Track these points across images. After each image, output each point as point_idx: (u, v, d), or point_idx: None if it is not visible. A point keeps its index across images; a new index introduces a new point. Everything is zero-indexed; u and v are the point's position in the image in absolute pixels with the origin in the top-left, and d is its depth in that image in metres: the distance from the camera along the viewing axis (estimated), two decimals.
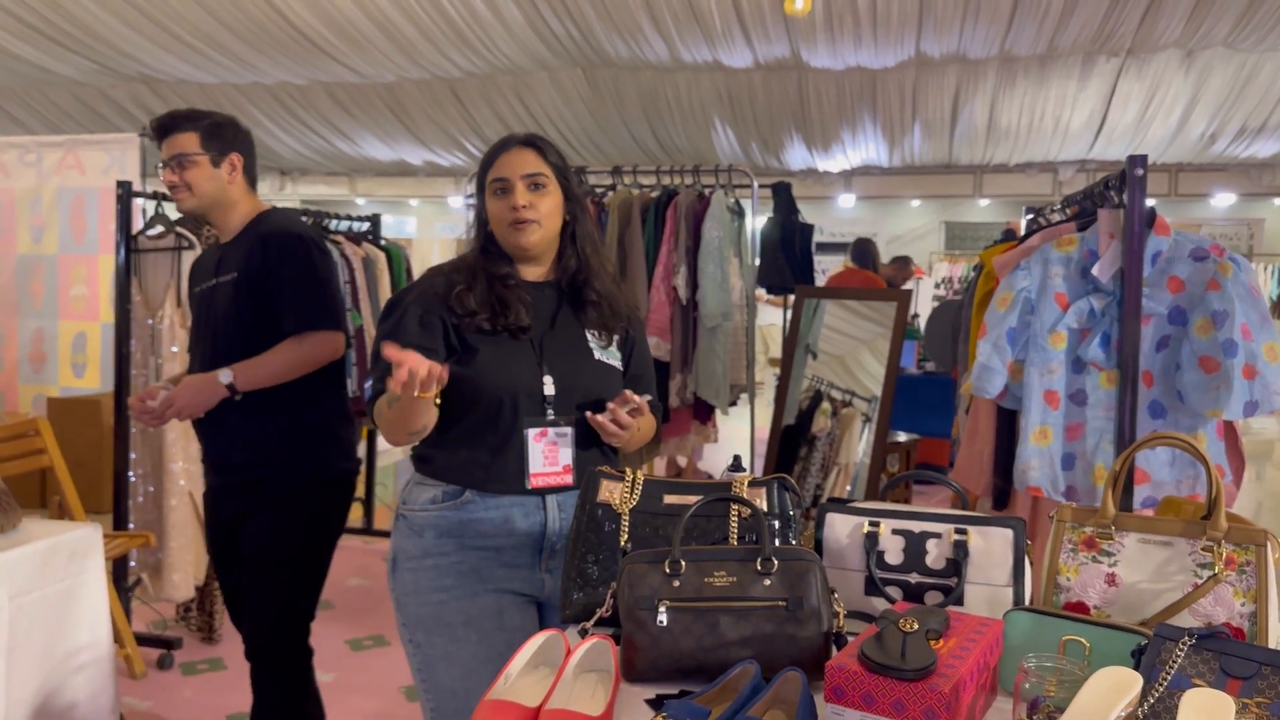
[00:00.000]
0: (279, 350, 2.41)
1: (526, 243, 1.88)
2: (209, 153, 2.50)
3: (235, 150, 2.55)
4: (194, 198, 2.50)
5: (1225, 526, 1.42)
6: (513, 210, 1.85)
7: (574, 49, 8.15)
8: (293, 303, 2.41)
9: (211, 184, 2.51)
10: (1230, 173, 11.16)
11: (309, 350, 2.42)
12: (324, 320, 2.45)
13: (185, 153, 2.48)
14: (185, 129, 2.50)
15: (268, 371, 2.41)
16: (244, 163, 2.56)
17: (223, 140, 2.53)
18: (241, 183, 2.56)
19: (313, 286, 2.44)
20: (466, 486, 1.86)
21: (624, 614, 1.36)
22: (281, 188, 13.11)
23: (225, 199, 2.53)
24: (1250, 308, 2.20)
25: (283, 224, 2.51)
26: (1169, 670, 1.19)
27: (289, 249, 2.44)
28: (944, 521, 1.56)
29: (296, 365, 2.42)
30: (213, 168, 2.50)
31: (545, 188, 1.89)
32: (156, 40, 8.02)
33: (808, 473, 4.63)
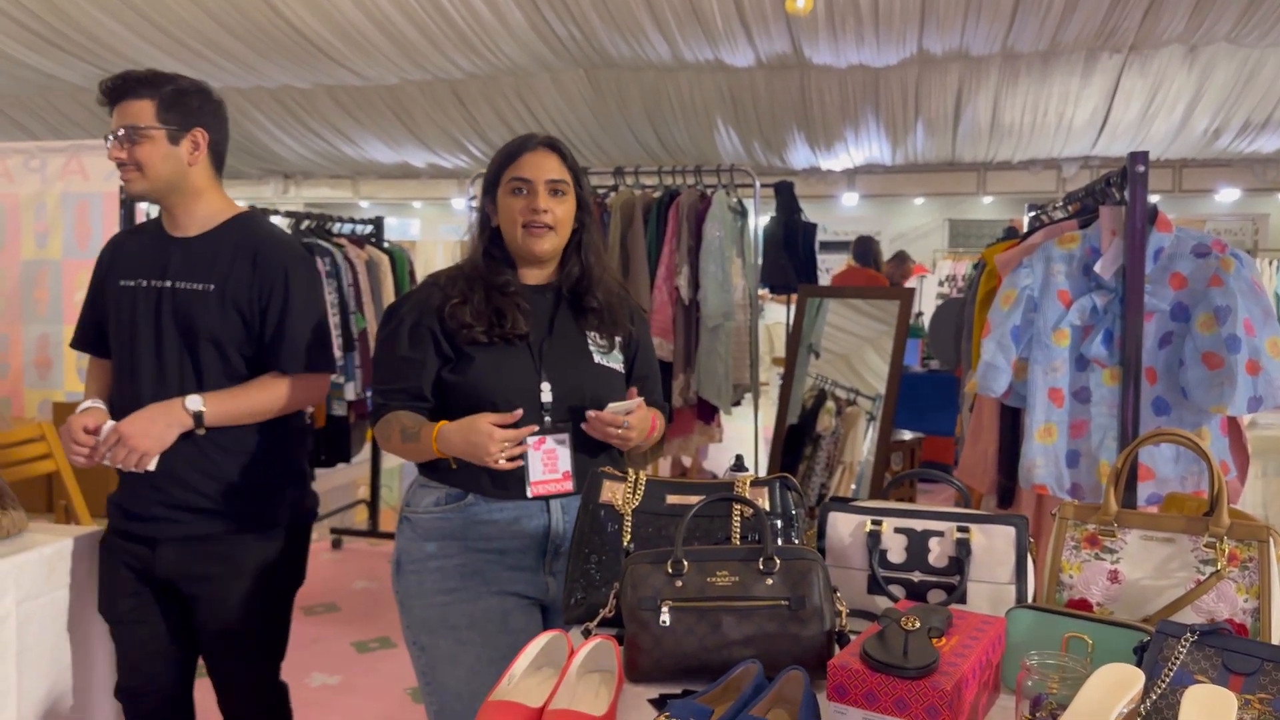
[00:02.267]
0: (267, 386, 2.08)
1: (540, 249, 1.88)
2: (166, 126, 2.06)
3: (199, 125, 2.10)
4: (144, 180, 2.07)
5: (1228, 523, 1.42)
6: (533, 212, 1.86)
7: (576, 50, 8.16)
8: (297, 339, 2.08)
9: (167, 165, 2.07)
10: (1234, 168, 11.13)
11: (302, 392, 2.12)
12: (325, 361, 2.16)
13: (137, 125, 2.03)
14: (140, 95, 2.05)
15: (247, 408, 2.06)
16: (209, 140, 2.12)
17: (184, 111, 2.08)
18: (206, 166, 2.13)
19: (317, 321, 2.13)
20: (470, 491, 1.86)
21: (627, 614, 1.36)
22: (285, 190, 13.13)
23: (184, 184, 2.10)
24: (1253, 303, 2.20)
25: (278, 237, 2.15)
26: (1171, 667, 1.19)
27: (293, 274, 2.10)
28: (946, 520, 1.56)
29: (284, 406, 2.11)
30: (170, 145, 2.07)
31: (565, 194, 1.90)
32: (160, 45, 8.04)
33: (812, 472, 4.62)
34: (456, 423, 1.77)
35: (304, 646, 3.93)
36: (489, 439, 1.71)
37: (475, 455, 1.73)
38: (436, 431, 1.78)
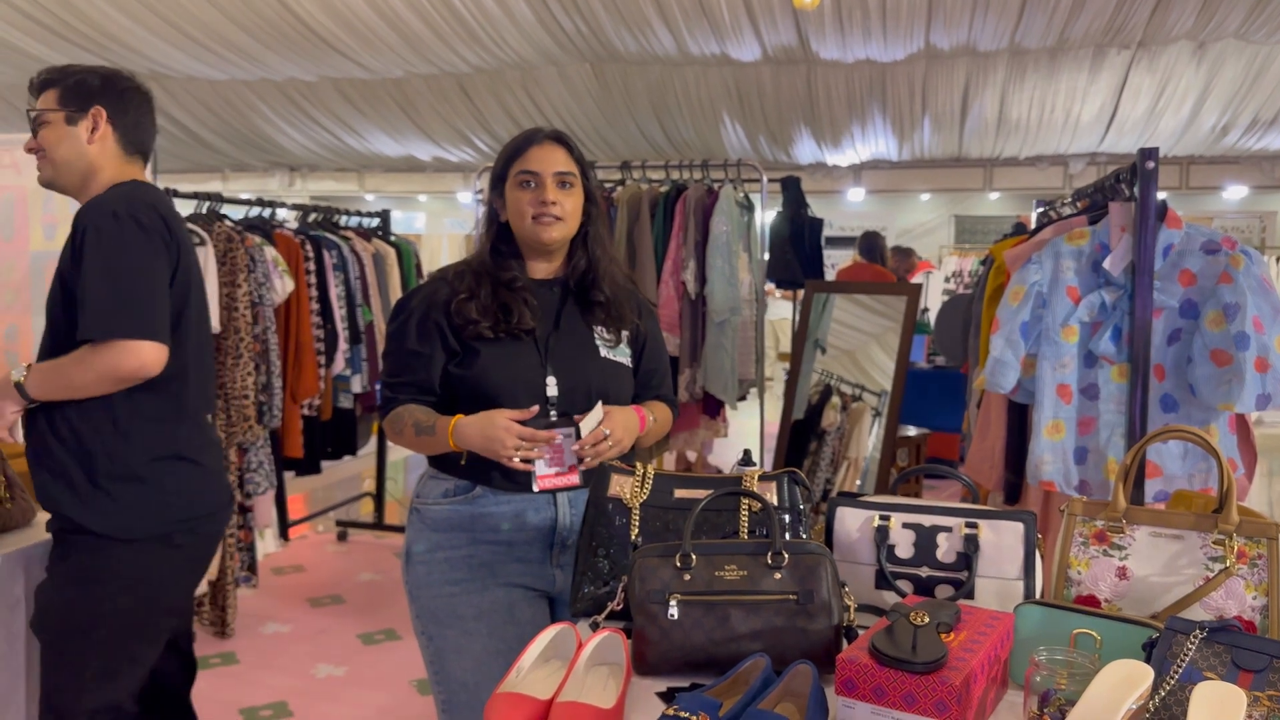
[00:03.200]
0: (77, 356, 1.90)
1: (548, 238, 1.88)
2: (65, 108, 2.00)
3: (98, 103, 2.02)
4: (50, 166, 2.02)
5: (1236, 520, 1.42)
6: (541, 204, 1.85)
7: (582, 44, 8.15)
8: (88, 300, 1.87)
9: (66, 146, 2.00)
10: (1242, 165, 11.09)
11: (104, 362, 1.87)
12: (123, 326, 1.87)
13: (40, 109, 2.01)
14: (48, 86, 2.02)
15: (63, 379, 1.91)
16: (109, 116, 2.03)
17: (83, 94, 2.01)
18: (110, 147, 2.03)
19: (115, 279, 1.88)
20: (478, 483, 1.87)
21: (635, 607, 1.36)
22: (290, 183, 13.14)
23: (85, 166, 2.02)
24: (1262, 300, 2.19)
25: (103, 199, 1.96)
26: (1180, 663, 1.19)
27: (93, 233, 1.90)
28: (954, 515, 1.56)
29: (93, 379, 1.89)
30: (67, 126, 2.00)
31: (573, 187, 1.90)
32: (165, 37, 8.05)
33: (817, 467, 4.63)
34: (473, 417, 1.77)
35: (310, 638, 3.94)
36: (505, 434, 1.71)
37: (491, 450, 1.73)
38: (453, 425, 1.78)
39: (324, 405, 4.39)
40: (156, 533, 1.97)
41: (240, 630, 3.96)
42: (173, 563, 2.03)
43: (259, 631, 3.99)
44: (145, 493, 1.96)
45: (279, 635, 3.97)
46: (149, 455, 1.97)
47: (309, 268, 4.21)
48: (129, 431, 1.95)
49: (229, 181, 12.95)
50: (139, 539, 1.96)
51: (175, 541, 2.00)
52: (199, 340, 2.11)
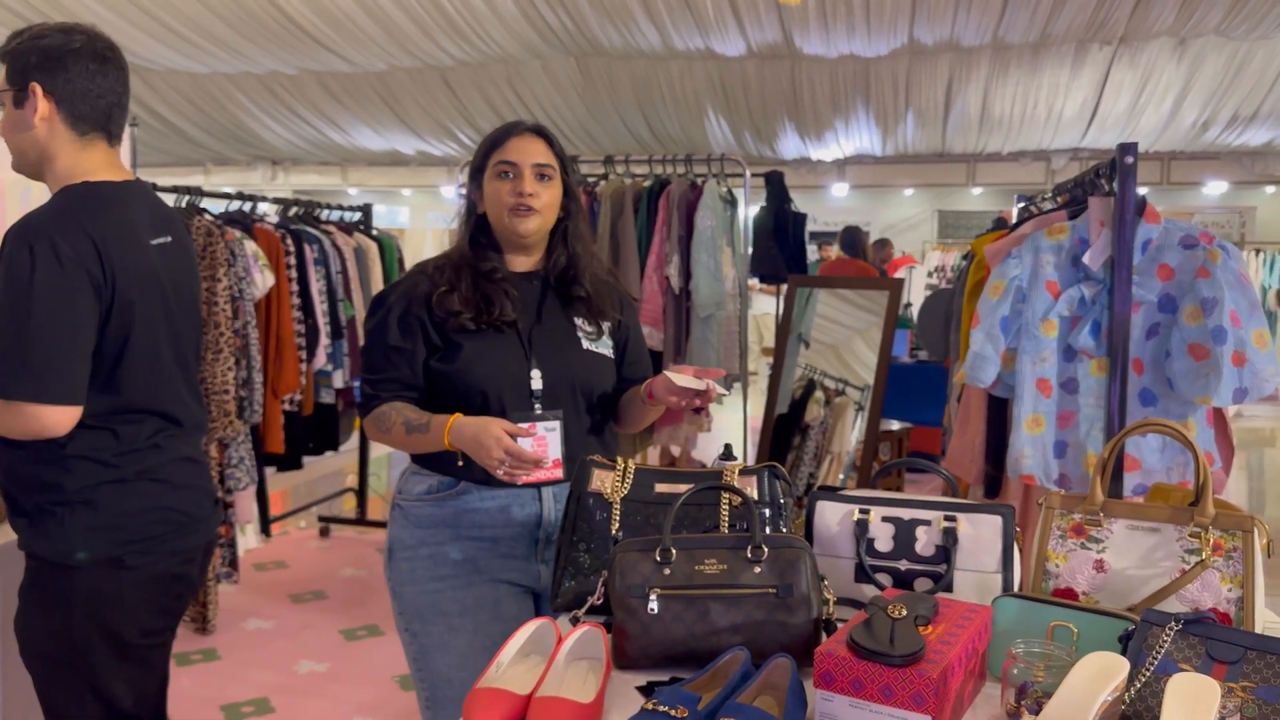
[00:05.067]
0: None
1: (525, 230, 1.87)
2: (12, 87, 1.75)
3: (33, 78, 1.74)
4: (12, 155, 1.81)
5: (1213, 513, 1.43)
6: (518, 195, 1.85)
7: (566, 37, 8.13)
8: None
9: (16, 134, 1.77)
10: (1222, 161, 11.18)
11: (10, 420, 1.70)
12: (23, 388, 1.67)
13: None
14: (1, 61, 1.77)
15: None
16: (46, 90, 1.75)
17: (21, 69, 1.75)
18: (58, 129, 1.76)
19: (20, 332, 1.66)
20: (461, 479, 1.86)
21: (615, 602, 1.36)
22: (273, 177, 13.07)
23: (38, 154, 1.78)
24: (1239, 295, 2.21)
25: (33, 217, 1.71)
26: (1156, 655, 1.20)
27: (9, 267, 1.67)
28: (933, 509, 1.56)
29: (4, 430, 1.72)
30: (14, 109, 1.76)
31: (551, 180, 1.89)
32: (146, 29, 7.99)
33: (801, 461, 4.64)
34: (471, 420, 1.73)
35: (292, 634, 3.93)
36: (495, 444, 1.65)
37: (479, 455, 1.70)
38: (450, 425, 1.75)
39: (305, 400, 4.37)
40: (105, 555, 1.81)
41: (221, 626, 3.94)
42: (132, 584, 1.86)
43: (240, 627, 3.97)
44: (90, 516, 1.80)
45: (261, 631, 3.95)
46: (93, 482, 1.79)
47: (290, 262, 4.19)
48: (69, 463, 1.78)
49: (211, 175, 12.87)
50: (87, 564, 1.80)
51: (127, 563, 1.84)
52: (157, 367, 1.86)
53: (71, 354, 1.70)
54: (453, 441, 1.75)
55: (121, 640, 1.87)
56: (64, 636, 1.84)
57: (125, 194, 1.84)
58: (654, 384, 1.83)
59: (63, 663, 1.86)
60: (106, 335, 1.75)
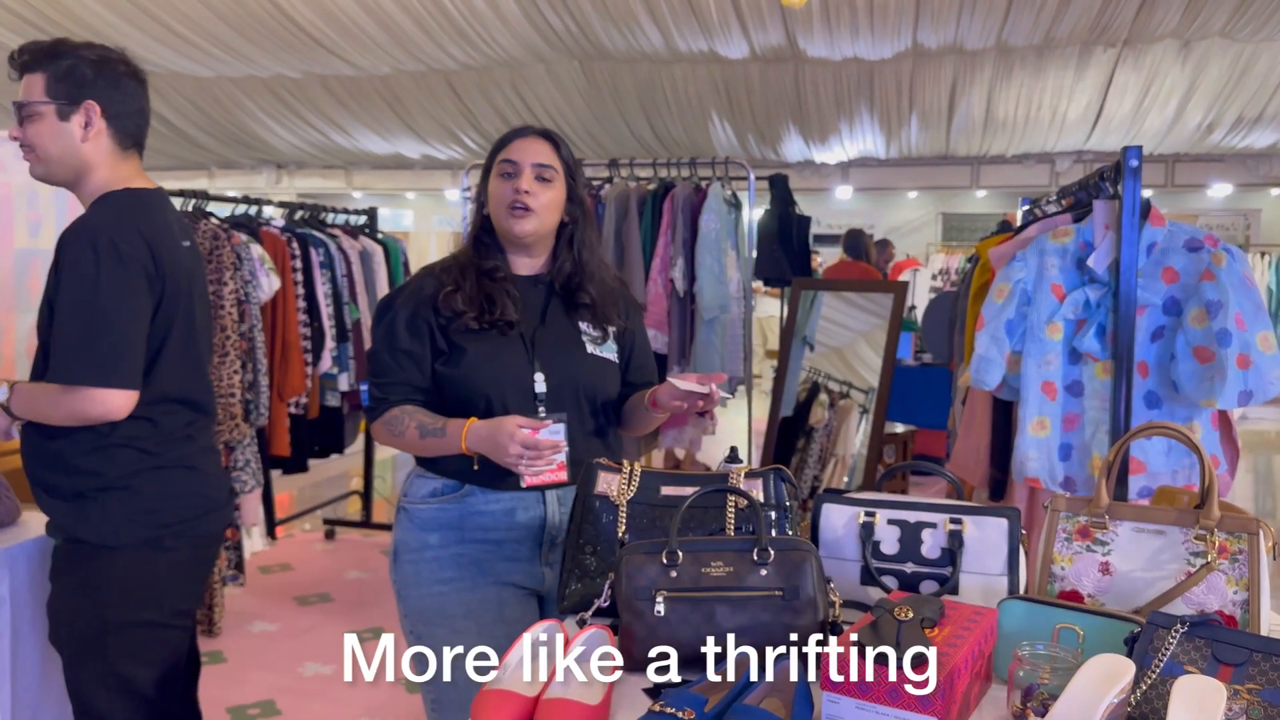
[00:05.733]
0: (48, 391, 1.86)
1: (520, 230, 1.87)
2: (56, 100, 1.86)
3: (91, 97, 1.88)
4: (41, 163, 1.89)
5: (1218, 515, 1.44)
6: (514, 193, 1.86)
7: (570, 41, 8.14)
8: (59, 342, 1.83)
9: (58, 144, 1.87)
10: (1227, 163, 11.16)
11: (70, 406, 1.83)
12: (88, 374, 1.81)
13: (28, 100, 1.87)
14: (34, 69, 1.87)
15: (38, 408, 1.88)
16: (105, 113, 1.89)
17: (75, 84, 1.87)
18: (104, 144, 1.91)
19: (87, 323, 1.81)
20: (466, 482, 1.87)
21: (622, 604, 1.36)
22: (278, 181, 13.10)
23: (79, 164, 1.90)
24: (1244, 297, 2.21)
25: (90, 221, 1.86)
26: (1162, 658, 1.20)
27: (73, 263, 1.81)
28: (939, 511, 1.57)
29: (61, 417, 1.86)
30: (59, 121, 1.87)
31: (551, 182, 1.89)
32: (151, 33, 8.01)
33: (805, 464, 4.64)
34: (486, 421, 1.76)
35: (297, 636, 3.93)
36: (510, 440, 1.68)
37: (498, 454, 1.72)
38: (468, 428, 1.76)
39: (311, 403, 4.38)
40: (146, 537, 1.95)
41: (227, 629, 3.95)
42: (167, 565, 2.00)
43: (246, 630, 3.98)
44: (131, 500, 1.93)
45: (266, 634, 3.96)
46: (135, 467, 1.93)
47: (295, 265, 4.20)
48: (111, 451, 1.91)
49: (216, 179, 12.90)
50: (130, 545, 1.93)
51: (165, 545, 1.98)
52: (189, 359, 2.02)
53: (134, 342, 1.86)
54: (470, 445, 1.77)
55: (154, 621, 2.00)
56: (98, 617, 1.94)
57: (159, 200, 2.01)
58: (658, 391, 1.84)
59: (94, 644, 1.96)
60: (153, 328, 1.91)
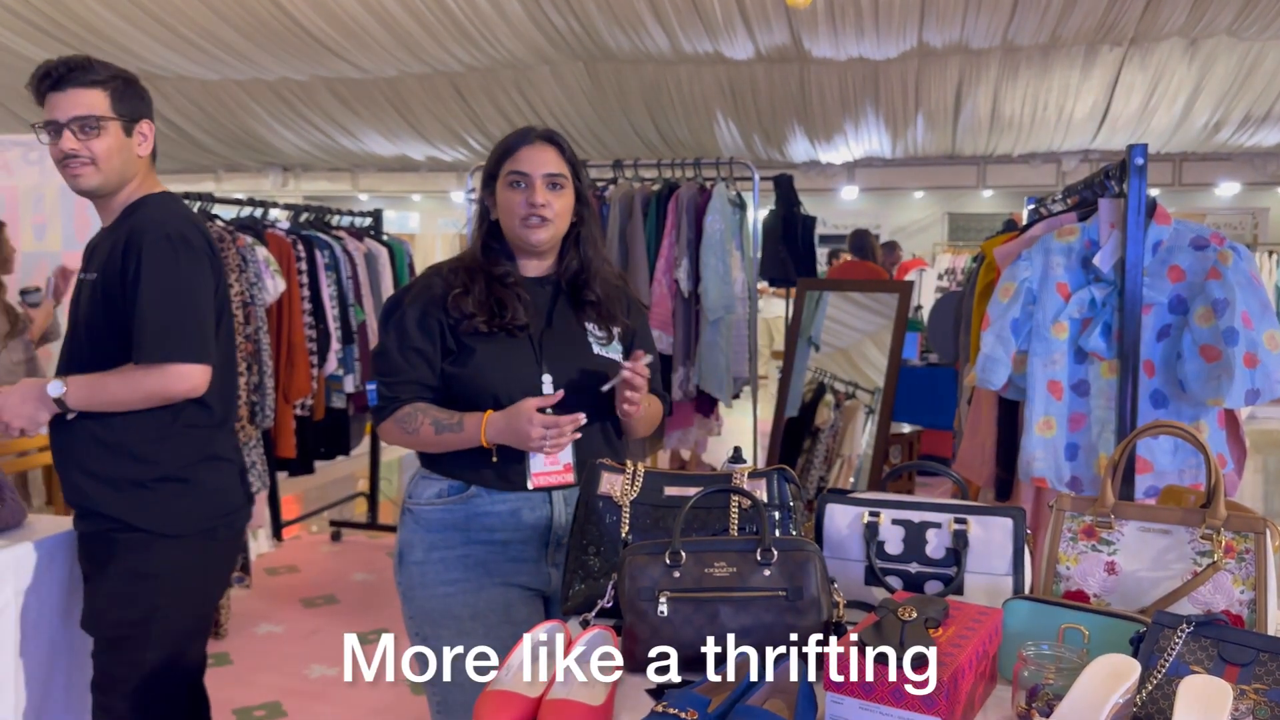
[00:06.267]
0: (125, 374, 1.99)
1: (537, 240, 1.88)
2: (120, 118, 2.03)
3: (147, 117, 2.10)
4: (99, 174, 2.02)
5: (1224, 514, 1.43)
6: (530, 206, 1.86)
7: (575, 42, 8.14)
8: (146, 324, 1.96)
9: (120, 158, 2.03)
10: (1234, 162, 11.13)
11: (156, 384, 1.98)
12: (178, 351, 1.98)
13: (95, 115, 1.99)
14: (90, 84, 1.99)
15: (108, 395, 1.99)
16: (152, 128, 2.13)
17: (134, 103, 2.06)
18: (148, 159, 2.12)
19: (171, 304, 1.98)
20: (472, 483, 1.87)
21: (625, 605, 1.36)
22: (284, 184, 13.12)
23: (127, 176, 2.07)
24: (1251, 296, 2.20)
25: (154, 217, 2.03)
26: (1167, 658, 1.19)
27: (148, 255, 1.97)
28: (944, 511, 1.56)
29: (141, 398, 1.99)
30: (124, 137, 2.04)
31: (563, 188, 1.90)
32: (158, 36, 8.03)
33: (811, 465, 4.63)
34: (500, 412, 1.79)
35: (303, 638, 3.94)
36: (529, 424, 1.72)
37: (518, 440, 1.76)
38: (486, 420, 1.79)
39: (316, 405, 4.38)
40: (203, 527, 2.10)
41: (233, 631, 3.95)
42: (216, 556, 2.18)
43: (252, 632, 3.99)
44: (190, 491, 2.07)
45: (272, 635, 3.97)
46: (192, 458, 2.08)
47: (301, 268, 4.21)
48: (174, 437, 2.05)
49: (222, 182, 12.93)
50: (188, 534, 2.07)
51: (218, 536, 2.14)
52: (228, 350, 2.17)
53: (208, 321, 2.05)
54: (490, 436, 1.79)
55: (194, 611, 2.15)
56: (148, 603, 2.05)
57: None
58: None
59: (137, 631, 2.06)
60: None
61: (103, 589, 2.08)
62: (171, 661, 2.12)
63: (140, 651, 2.08)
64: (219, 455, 2.15)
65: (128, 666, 2.08)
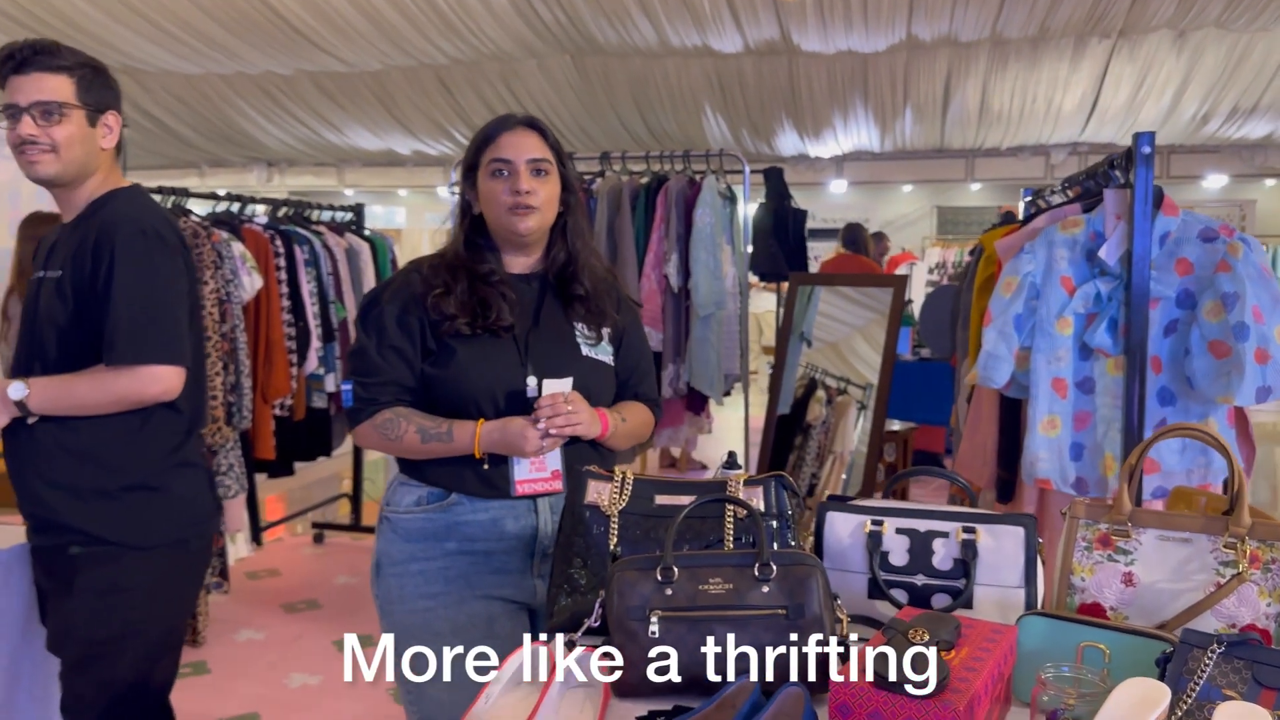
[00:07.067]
0: (95, 377, 1.89)
1: (524, 229, 1.79)
2: (85, 107, 1.93)
3: (114, 109, 1.99)
4: (58, 162, 1.90)
5: (1249, 522, 1.34)
6: (515, 194, 1.76)
7: (562, 35, 8.04)
8: (118, 325, 1.86)
9: (82, 148, 1.93)
10: (1222, 154, 11.09)
11: (128, 387, 1.88)
12: (153, 352, 1.88)
13: (57, 101, 1.88)
14: (55, 69, 1.89)
15: (75, 398, 1.89)
16: (118, 119, 2.02)
17: (101, 93, 1.96)
18: (112, 152, 2.01)
19: (146, 303, 1.88)
20: (453, 490, 1.77)
21: (614, 624, 1.27)
22: (269, 179, 12.96)
23: (90, 169, 1.96)
24: (1262, 289, 2.12)
25: (126, 213, 1.94)
26: (1198, 680, 1.11)
27: (122, 253, 1.88)
28: (951, 520, 1.48)
29: (111, 401, 1.89)
30: (88, 127, 1.94)
31: (548, 174, 1.81)
32: (139, 30, 7.89)
33: (803, 462, 4.55)
34: (491, 424, 1.73)
35: (284, 644, 3.84)
36: (521, 434, 1.69)
37: (518, 450, 1.72)
38: (480, 432, 1.72)
39: (297, 405, 4.27)
40: (174, 538, 2.00)
41: (211, 638, 3.84)
42: (188, 567, 2.07)
43: (231, 639, 3.88)
44: (160, 500, 1.98)
45: (252, 642, 3.86)
46: (161, 465, 1.98)
47: (279, 264, 4.10)
48: (143, 443, 1.96)
49: (207, 177, 12.76)
50: (159, 545, 1.97)
51: (190, 546, 2.05)
52: (198, 351, 2.07)
53: (183, 321, 1.96)
54: (485, 448, 1.73)
55: (167, 626, 2.04)
56: (112, 622, 1.94)
57: None
58: None
59: (109, 650, 1.96)
60: None
61: (69, 607, 1.96)
62: (143, 679, 2.03)
63: (111, 671, 1.98)
64: (188, 461, 2.05)
65: (97, 687, 1.98)
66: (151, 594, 1.98)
